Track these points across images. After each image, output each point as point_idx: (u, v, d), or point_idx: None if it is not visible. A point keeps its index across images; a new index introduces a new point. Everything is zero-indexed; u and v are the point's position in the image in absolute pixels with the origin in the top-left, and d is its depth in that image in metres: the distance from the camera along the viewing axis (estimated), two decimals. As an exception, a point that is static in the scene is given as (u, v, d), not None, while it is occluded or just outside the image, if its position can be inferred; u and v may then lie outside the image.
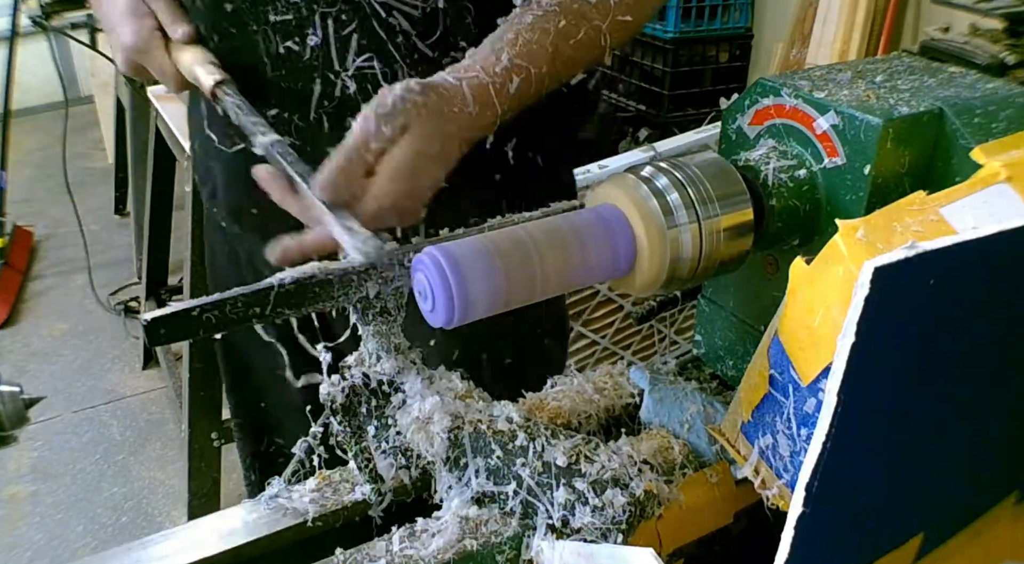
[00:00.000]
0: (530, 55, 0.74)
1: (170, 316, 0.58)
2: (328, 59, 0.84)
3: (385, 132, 0.66)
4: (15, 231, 3.33)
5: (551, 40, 0.75)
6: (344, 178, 0.66)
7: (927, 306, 0.40)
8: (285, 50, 0.85)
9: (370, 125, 0.66)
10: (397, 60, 0.84)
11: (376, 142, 0.67)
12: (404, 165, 0.67)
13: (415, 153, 0.67)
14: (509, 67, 0.73)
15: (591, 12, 0.78)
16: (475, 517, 0.64)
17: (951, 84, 0.67)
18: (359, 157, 0.67)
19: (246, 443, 1.29)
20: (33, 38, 3.57)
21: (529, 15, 0.76)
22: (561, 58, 0.76)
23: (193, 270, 1.87)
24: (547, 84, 0.76)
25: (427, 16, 0.83)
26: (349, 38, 0.83)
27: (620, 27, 0.80)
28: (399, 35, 0.83)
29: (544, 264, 0.59)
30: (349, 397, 0.66)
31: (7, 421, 0.82)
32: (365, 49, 0.84)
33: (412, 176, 0.67)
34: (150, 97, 2.07)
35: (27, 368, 2.82)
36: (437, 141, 0.68)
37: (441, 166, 0.70)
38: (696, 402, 0.74)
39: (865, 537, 0.48)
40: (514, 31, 0.75)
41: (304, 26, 0.83)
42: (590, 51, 0.79)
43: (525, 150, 0.94)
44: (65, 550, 2.14)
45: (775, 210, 0.64)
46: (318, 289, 0.62)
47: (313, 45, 0.84)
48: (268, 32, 0.84)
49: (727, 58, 3.45)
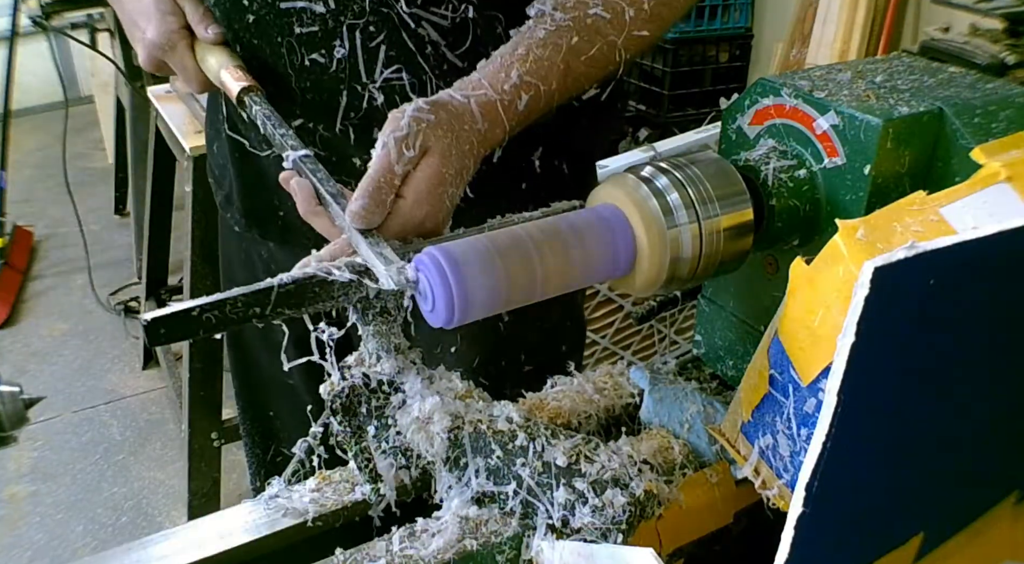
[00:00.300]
0: (540, 72, 0.73)
1: (170, 316, 0.58)
2: (355, 71, 0.83)
3: (407, 155, 0.66)
4: (15, 231, 3.32)
5: (562, 57, 0.73)
6: (376, 206, 0.66)
7: (927, 306, 0.40)
8: (311, 62, 0.83)
9: (392, 151, 0.66)
10: (426, 71, 0.83)
11: (400, 167, 0.66)
12: (428, 188, 0.67)
13: (437, 175, 0.67)
14: (518, 84, 0.72)
15: (606, 28, 0.75)
16: (475, 517, 0.64)
17: (951, 84, 0.67)
18: (388, 184, 0.66)
19: (253, 450, 1.28)
20: (33, 38, 3.57)
21: (541, 30, 0.74)
22: (572, 75, 0.75)
23: (193, 270, 1.87)
24: (557, 100, 0.75)
25: (457, 26, 0.82)
26: (377, 49, 0.82)
27: (636, 41, 0.78)
28: (428, 46, 0.82)
29: (544, 264, 0.59)
30: (349, 397, 0.66)
31: (7, 421, 0.82)
32: (393, 60, 0.82)
33: (436, 197, 0.67)
34: (150, 97, 2.06)
35: (27, 368, 2.82)
36: (456, 159, 0.68)
37: (461, 183, 0.70)
38: (696, 402, 0.74)
39: (865, 537, 0.48)
40: (525, 46, 0.73)
41: (331, 38, 0.82)
42: (604, 67, 0.77)
43: (551, 158, 0.93)
44: (65, 550, 2.14)
45: (775, 210, 0.64)
46: (318, 289, 0.62)
47: (340, 57, 0.82)
48: (293, 44, 0.83)
49: (727, 58, 3.45)
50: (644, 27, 0.77)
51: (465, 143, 0.69)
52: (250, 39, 0.85)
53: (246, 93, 0.79)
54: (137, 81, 2.50)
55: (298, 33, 0.82)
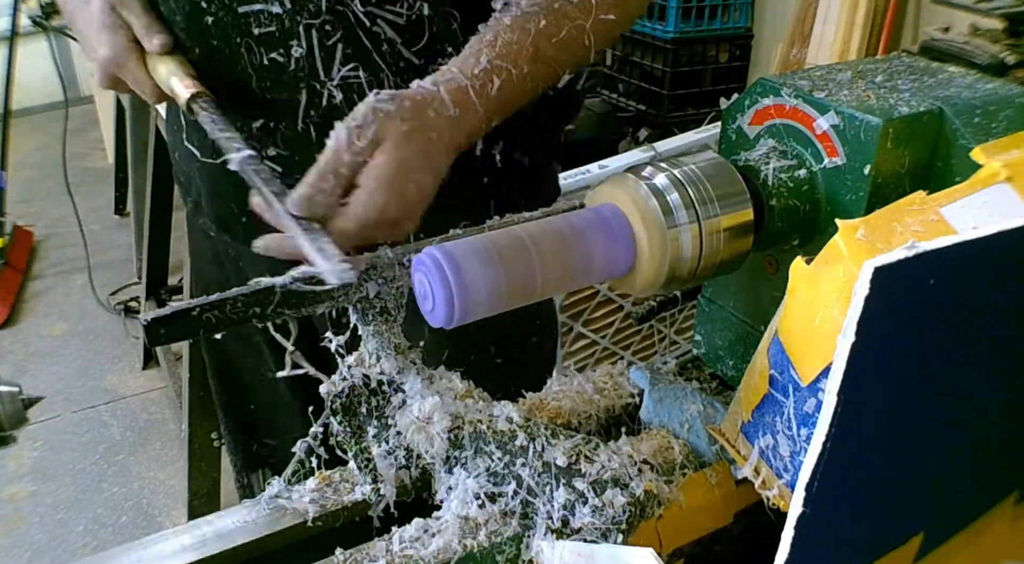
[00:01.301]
0: (510, 55, 0.73)
1: (170, 316, 0.58)
2: (313, 69, 0.83)
3: (358, 144, 0.65)
4: (15, 231, 3.32)
5: (531, 40, 0.74)
6: (318, 193, 0.65)
7: (927, 306, 0.40)
8: (269, 61, 0.84)
9: (342, 138, 0.65)
10: (383, 69, 0.84)
11: (349, 155, 0.65)
12: (384, 176, 0.66)
13: (395, 162, 0.66)
14: (489, 68, 0.72)
15: (573, 11, 0.77)
16: (475, 517, 0.64)
17: (951, 84, 0.67)
18: (333, 171, 0.65)
19: (236, 446, 1.28)
20: (33, 38, 3.57)
21: (508, 16, 0.75)
22: (543, 58, 0.75)
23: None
24: (531, 85, 0.76)
25: (412, 24, 0.83)
26: (334, 48, 0.83)
27: (604, 26, 0.79)
28: (384, 43, 0.83)
29: (544, 264, 0.59)
30: (349, 397, 0.66)
31: (6, 422, 0.82)
32: (350, 58, 0.83)
33: (395, 186, 0.66)
34: (150, 97, 2.06)
35: (27, 368, 2.82)
36: (418, 148, 0.67)
37: (427, 173, 0.68)
38: (696, 402, 0.74)
39: (865, 537, 0.48)
40: (493, 32, 0.74)
41: (288, 38, 0.82)
42: (574, 51, 0.78)
43: (512, 152, 0.94)
44: (65, 550, 2.14)
45: (775, 210, 0.64)
46: (318, 290, 0.62)
47: (298, 56, 0.83)
48: (251, 44, 0.83)
49: (727, 58, 3.45)
50: (610, 11, 0.79)
51: (431, 130, 0.68)
52: (209, 40, 0.85)
53: (194, 100, 0.79)
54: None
55: (256, 34, 0.83)
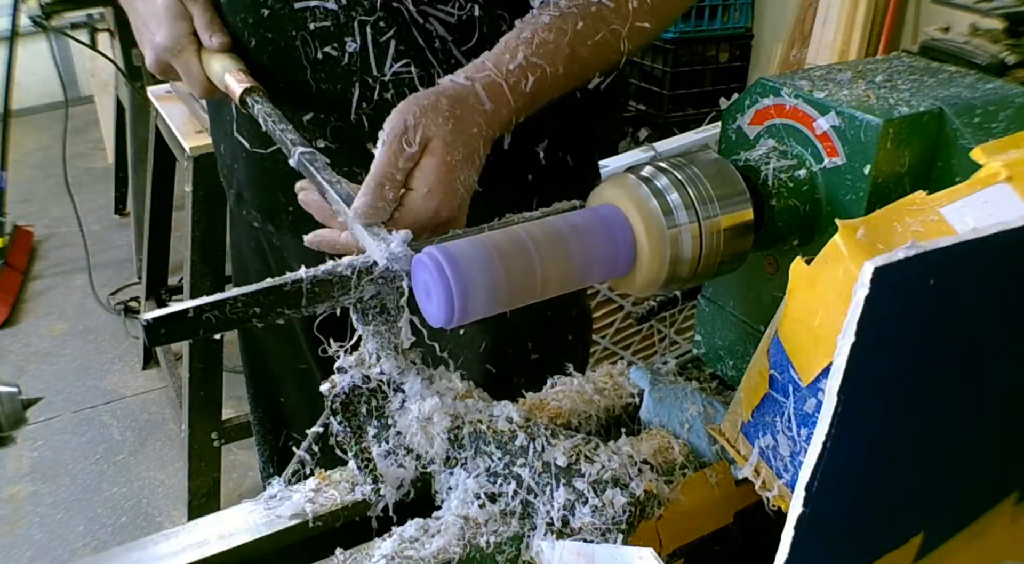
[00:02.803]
0: (546, 55, 0.74)
1: (170, 316, 0.58)
2: (366, 64, 0.85)
3: (409, 151, 0.67)
4: (15, 231, 3.32)
5: (568, 41, 0.75)
6: (379, 200, 0.67)
7: (927, 306, 0.40)
8: (324, 55, 0.86)
9: (393, 147, 0.67)
10: (434, 65, 0.85)
11: (403, 161, 0.67)
12: (435, 179, 0.68)
13: (444, 164, 0.68)
14: (524, 65, 0.73)
15: (610, 16, 0.77)
16: (475, 517, 0.64)
17: (951, 84, 0.67)
18: (390, 180, 0.67)
19: (264, 437, 1.30)
20: (33, 38, 3.57)
21: (546, 15, 0.76)
22: (578, 60, 0.76)
23: (193, 270, 1.87)
24: (563, 85, 0.76)
25: (463, 23, 0.84)
26: (387, 44, 0.84)
27: (638, 33, 0.79)
28: (436, 41, 0.84)
29: (544, 264, 0.59)
30: (349, 397, 0.66)
31: (5, 422, 0.82)
32: (402, 55, 0.85)
33: (446, 187, 0.68)
34: (150, 97, 2.06)
35: (27, 368, 2.82)
36: (461, 145, 0.69)
37: (471, 168, 0.70)
38: (696, 402, 0.74)
39: (865, 537, 0.48)
40: (530, 30, 0.75)
41: (343, 33, 0.84)
42: (607, 55, 0.79)
43: (556, 150, 0.95)
44: (65, 550, 2.14)
45: (775, 210, 0.64)
46: (318, 289, 0.62)
47: (351, 51, 0.85)
48: (307, 38, 0.85)
49: (727, 58, 3.45)
50: (646, 19, 0.79)
51: (471, 125, 0.70)
52: (265, 32, 0.87)
53: (248, 94, 0.81)
54: (137, 81, 2.49)
55: (312, 28, 0.85)
